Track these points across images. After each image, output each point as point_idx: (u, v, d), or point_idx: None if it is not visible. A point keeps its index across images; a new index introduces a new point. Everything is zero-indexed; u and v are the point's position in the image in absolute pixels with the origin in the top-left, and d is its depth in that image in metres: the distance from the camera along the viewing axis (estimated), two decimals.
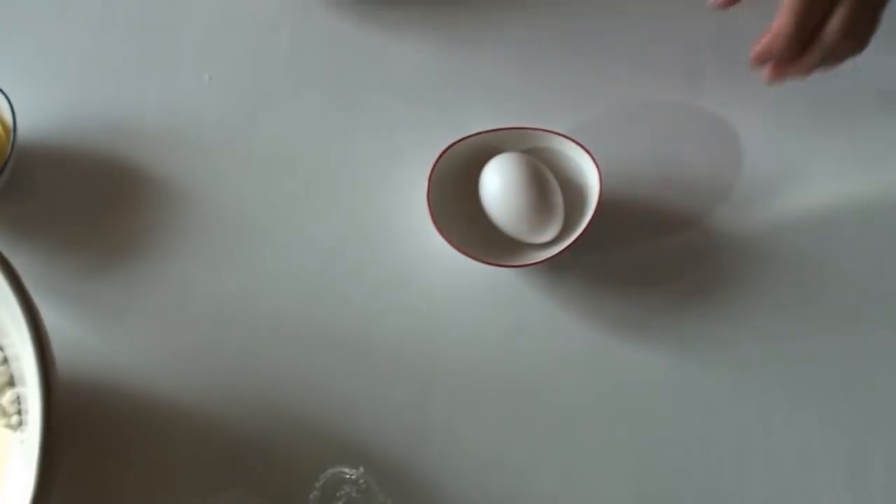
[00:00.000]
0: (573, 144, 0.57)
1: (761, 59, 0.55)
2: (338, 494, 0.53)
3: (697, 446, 0.55)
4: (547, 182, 0.56)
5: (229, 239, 0.59)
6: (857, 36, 0.54)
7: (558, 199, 0.57)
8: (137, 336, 0.57)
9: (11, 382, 0.50)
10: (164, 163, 0.61)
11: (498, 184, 0.56)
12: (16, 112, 0.57)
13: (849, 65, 0.56)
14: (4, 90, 0.57)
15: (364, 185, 0.60)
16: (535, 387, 0.56)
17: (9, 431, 0.49)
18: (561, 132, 0.57)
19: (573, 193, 0.58)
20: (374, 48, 0.64)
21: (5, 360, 0.50)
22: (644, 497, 0.54)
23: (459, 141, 0.57)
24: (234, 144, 0.61)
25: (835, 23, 0.53)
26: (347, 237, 0.59)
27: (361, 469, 0.54)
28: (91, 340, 0.57)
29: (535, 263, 0.56)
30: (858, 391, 0.56)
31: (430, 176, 0.56)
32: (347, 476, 0.53)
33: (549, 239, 0.57)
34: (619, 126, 0.62)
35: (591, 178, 0.57)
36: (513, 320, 0.58)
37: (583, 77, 0.63)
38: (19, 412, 0.49)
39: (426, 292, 0.58)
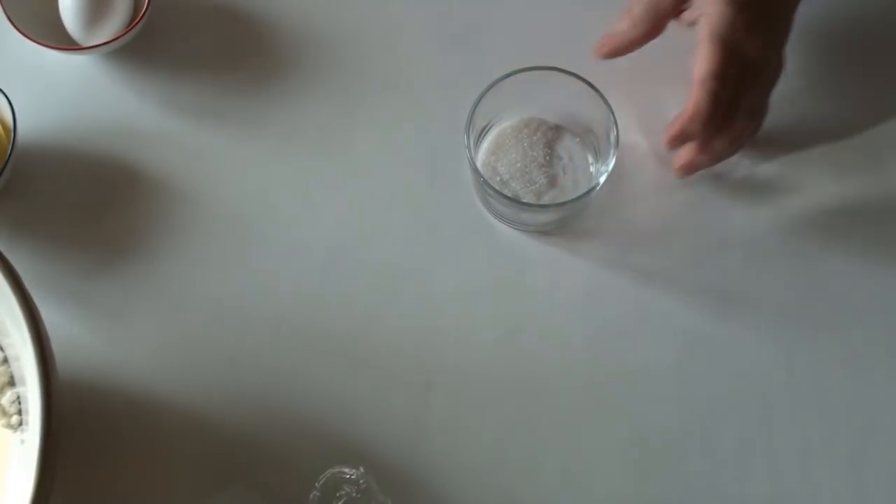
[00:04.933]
0: None
1: (678, 141, 0.55)
2: (338, 494, 0.53)
3: (697, 446, 0.55)
4: None
5: (229, 239, 0.59)
6: (759, 116, 0.56)
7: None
8: (137, 336, 0.57)
9: (11, 382, 0.50)
10: (164, 163, 0.61)
11: None
12: (16, 112, 0.57)
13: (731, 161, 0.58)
14: (4, 90, 0.58)
15: (364, 183, 0.61)
16: (535, 386, 0.56)
17: (9, 431, 0.49)
18: None
19: None
20: None
21: (5, 360, 0.50)
22: (644, 497, 0.54)
23: None
24: (233, 144, 0.61)
25: (744, 103, 0.54)
26: (347, 236, 0.59)
27: (361, 469, 0.53)
28: (91, 340, 0.57)
29: (91, 48, 0.60)
30: (858, 391, 0.56)
31: None
32: (347, 476, 0.53)
33: (106, 39, 0.60)
34: None
35: None
36: (513, 320, 0.58)
37: None
38: (19, 412, 0.49)
39: (426, 292, 0.58)
